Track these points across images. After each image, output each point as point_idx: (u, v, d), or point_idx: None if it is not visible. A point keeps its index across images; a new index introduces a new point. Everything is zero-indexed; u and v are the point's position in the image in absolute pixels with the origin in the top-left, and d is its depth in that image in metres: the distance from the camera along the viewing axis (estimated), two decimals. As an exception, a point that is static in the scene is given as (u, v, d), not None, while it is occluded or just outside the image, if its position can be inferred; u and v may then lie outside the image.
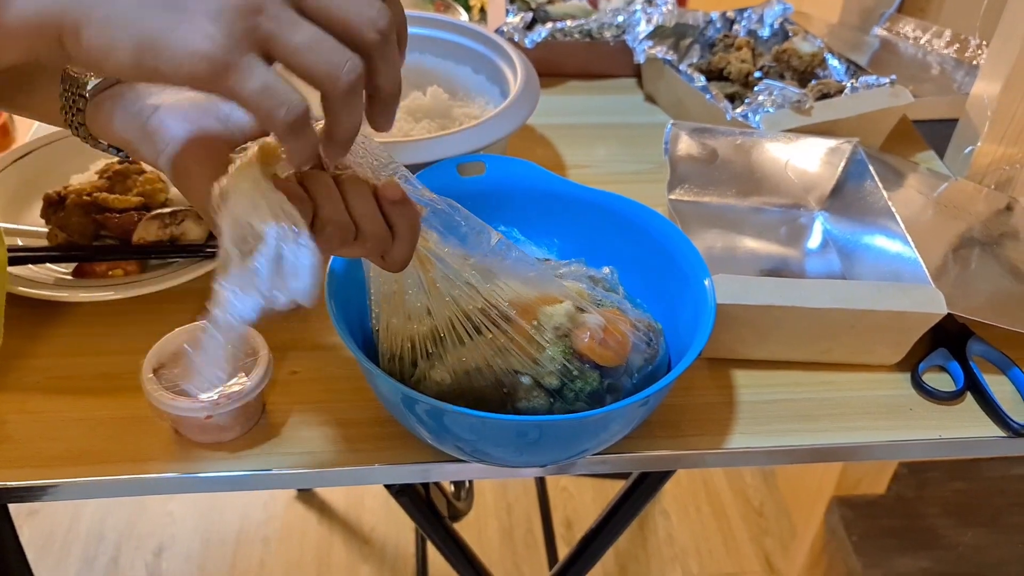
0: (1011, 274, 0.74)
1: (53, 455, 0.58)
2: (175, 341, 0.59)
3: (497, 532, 1.51)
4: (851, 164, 0.81)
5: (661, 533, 1.53)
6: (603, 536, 0.78)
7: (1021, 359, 0.68)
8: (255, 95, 0.36)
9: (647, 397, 0.52)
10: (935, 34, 1.03)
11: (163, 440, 0.59)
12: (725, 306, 0.61)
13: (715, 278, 0.60)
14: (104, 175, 0.74)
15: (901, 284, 0.66)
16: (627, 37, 1.00)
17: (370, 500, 1.53)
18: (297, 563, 1.44)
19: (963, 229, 0.79)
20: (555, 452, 0.57)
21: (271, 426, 0.61)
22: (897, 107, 0.88)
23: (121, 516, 1.48)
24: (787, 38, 1.00)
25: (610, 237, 0.66)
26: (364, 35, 0.38)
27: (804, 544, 1.32)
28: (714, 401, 0.65)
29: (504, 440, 0.53)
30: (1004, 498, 1.23)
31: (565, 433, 0.54)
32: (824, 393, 0.66)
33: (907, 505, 1.22)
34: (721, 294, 0.61)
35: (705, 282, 0.59)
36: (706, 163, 0.82)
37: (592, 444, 0.56)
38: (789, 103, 0.85)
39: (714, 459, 0.62)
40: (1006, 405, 0.65)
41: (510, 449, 0.54)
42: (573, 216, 0.67)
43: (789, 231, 0.81)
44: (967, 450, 0.65)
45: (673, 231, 0.63)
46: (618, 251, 0.65)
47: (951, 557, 1.16)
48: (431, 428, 0.54)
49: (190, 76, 0.36)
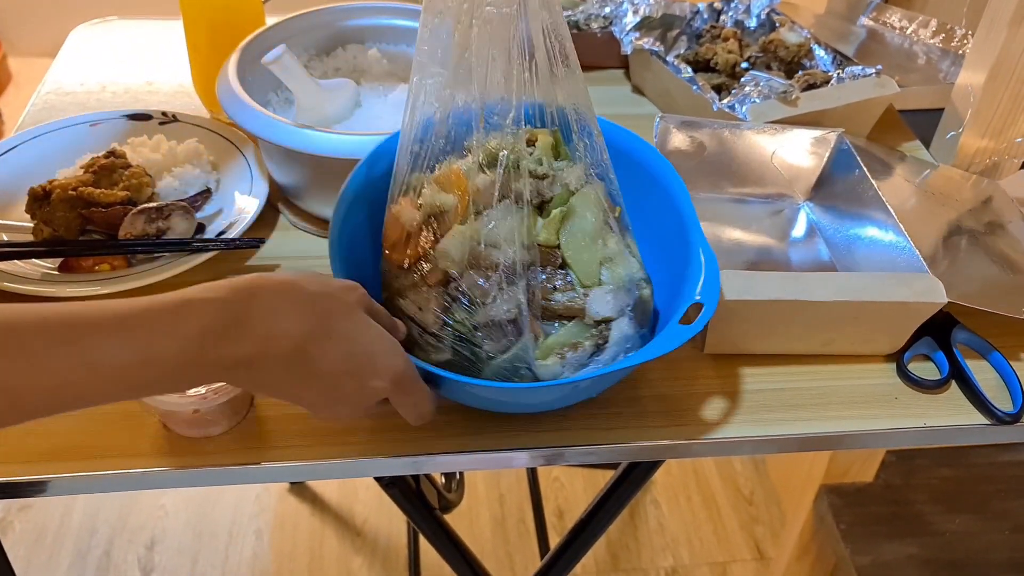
0: (998, 261, 0.74)
1: (42, 451, 0.58)
2: (163, 336, 0.59)
3: (489, 522, 1.51)
4: (836, 154, 0.81)
5: (652, 522, 1.54)
6: (594, 525, 0.78)
7: (1004, 347, 0.69)
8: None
9: (585, 380, 0.54)
10: (921, 24, 1.03)
11: (152, 435, 0.59)
12: (730, 302, 0.62)
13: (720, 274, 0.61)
14: (90, 169, 0.73)
15: (901, 274, 0.67)
16: (614, 28, 1.00)
17: (363, 492, 1.54)
18: (290, 555, 1.44)
19: (950, 217, 0.79)
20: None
21: (259, 420, 0.61)
22: (883, 97, 0.88)
23: (113, 510, 1.48)
24: (774, 28, 1.00)
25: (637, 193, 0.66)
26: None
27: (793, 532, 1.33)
28: (702, 391, 0.65)
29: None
30: (991, 485, 1.24)
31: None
32: (812, 383, 0.66)
33: (895, 492, 1.23)
34: (726, 290, 0.62)
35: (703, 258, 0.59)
36: (694, 156, 0.82)
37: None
38: (776, 94, 0.85)
39: (702, 449, 0.63)
40: (990, 393, 0.65)
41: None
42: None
43: (774, 222, 0.82)
44: (952, 438, 0.65)
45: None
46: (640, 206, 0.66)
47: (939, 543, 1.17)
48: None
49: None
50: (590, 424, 0.61)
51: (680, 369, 0.66)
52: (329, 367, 0.48)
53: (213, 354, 0.43)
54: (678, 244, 0.62)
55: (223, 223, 0.74)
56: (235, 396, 0.57)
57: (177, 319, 0.42)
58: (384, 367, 0.50)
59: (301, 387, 0.48)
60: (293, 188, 0.78)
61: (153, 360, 0.42)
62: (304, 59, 0.87)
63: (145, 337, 0.41)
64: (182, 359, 0.42)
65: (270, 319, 0.45)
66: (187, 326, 0.42)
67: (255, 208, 0.75)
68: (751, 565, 1.48)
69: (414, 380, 0.52)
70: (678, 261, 0.62)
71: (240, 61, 0.79)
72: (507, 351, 0.56)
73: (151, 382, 0.43)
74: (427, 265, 0.57)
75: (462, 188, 0.57)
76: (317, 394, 0.49)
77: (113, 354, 0.41)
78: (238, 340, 0.44)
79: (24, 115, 0.91)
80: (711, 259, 0.59)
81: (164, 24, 1.08)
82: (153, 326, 0.42)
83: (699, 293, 0.57)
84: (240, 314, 0.44)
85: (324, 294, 0.48)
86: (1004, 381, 0.67)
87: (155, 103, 0.93)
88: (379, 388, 0.50)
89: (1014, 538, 1.18)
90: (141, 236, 0.69)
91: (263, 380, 0.47)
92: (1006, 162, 0.88)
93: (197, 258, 0.69)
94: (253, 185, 0.78)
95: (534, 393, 0.58)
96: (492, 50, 0.55)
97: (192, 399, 0.56)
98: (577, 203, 0.59)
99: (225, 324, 0.43)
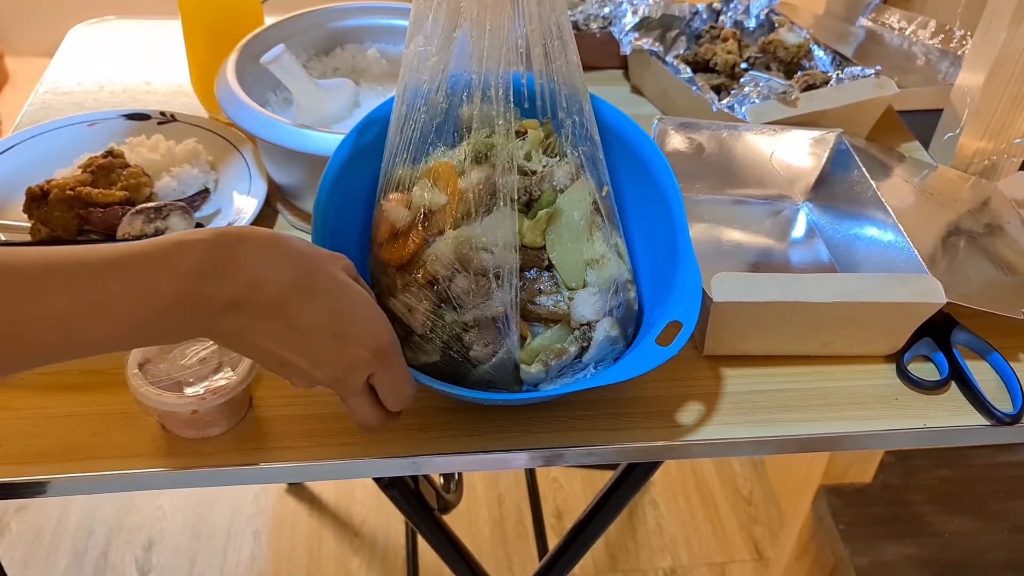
0: (997, 262, 0.74)
1: (40, 451, 0.57)
2: (161, 336, 0.59)
3: (488, 522, 1.51)
4: (835, 155, 0.81)
5: (651, 522, 1.53)
6: (592, 526, 0.78)
7: (1004, 347, 0.69)
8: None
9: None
10: (920, 24, 1.03)
11: (150, 436, 0.59)
12: (727, 304, 0.62)
13: (717, 276, 0.61)
14: (88, 169, 0.73)
15: (900, 275, 0.66)
16: (613, 28, 0.99)
17: (361, 492, 1.54)
18: (288, 556, 1.44)
19: (949, 218, 0.79)
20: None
21: (258, 420, 0.61)
22: (882, 98, 0.88)
23: (111, 510, 1.48)
24: (773, 29, 1.00)
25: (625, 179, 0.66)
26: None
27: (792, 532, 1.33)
28: (701, 393, 0.65)
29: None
30: (989, 485, 1.25)
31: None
32: (811, 384, 0.66)
33: (894, 493, 1.23)
34: (724, 292, 0.62)
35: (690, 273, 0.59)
36: (693, 158, 0.82)
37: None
38: (775, 94, 0.85)
39: (700, 450, 0.63)
40: (990, 394, 0.65)
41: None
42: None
43: (774, 223, 0.81)
44: (951, 439, 0.65)
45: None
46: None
47: (937, 544, 1.17)
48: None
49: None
50: (589, 425, 0.61)
51: (679, 370, 0.66)
52: (311, 321, 0.48)
53: (204, 293, 0.45)
54: (665, 242, 0.62)
55: (222, 223, 0.74)
56: (233, 397, 0.57)
57: (172, 257, 0.44)
58: (368, 334, 0.50)
59: (282, 344, 0.48)
60: (292, 188, 0.78)
61: (151, 298, 0.43)
62: (303, 59, 0.87)
63: (144, 274, 0.43)
64: (177, 296, 0.44)
65: (257, 264, 0.46)
66: (182, 263, 0.44)
67: (254, 208, 0.75)
68: (750, 566, 1.48)
69: (398, 356, 0.52)
70: (664, 259, 0.62)
71: (239, 61, 0.79)
72: (495, 355, 0.56)
73: (149, 322, 0.44)
74: (417, 266, 0.57)
75: (453, 186, 0.57)
76: (296, 353, 0.49)
77: (115, 291, 0.42)
78: (225, 280, 0.45)
79: (21, 115, 0.91)
80: (695, 272, 0.59)
81: (162, 24, 1.08)
82: (150, 263, 0.43)
83: (680, 314, 0.57)
84: (229, 256, 0.45)
85: (311, 253, 0.50)
86: (1004, 382, 0.67)
87: (153, 103, 0.93)
88: (360, 357, 0.50)
89: (1012, 539, 1.19)
90: (139, 236, 0.69)
91: (246, 332, 0.47)
92: (1004, 163, 0.88)
93: (195, 258, 0.69)
94: (252, 185, 0.78)
95: (517, 400, 0.58)
96: (488, 22, 0.55)
97: (191, 400, 0.55)
98: (564, 203, 0.59)
99: (214, 264, 0.45)
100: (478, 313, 0.56)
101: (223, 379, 0.57)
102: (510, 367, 0.56)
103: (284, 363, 0.49)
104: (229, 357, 0.58)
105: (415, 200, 0.58)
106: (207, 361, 0.58)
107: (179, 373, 0.57)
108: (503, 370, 0.56)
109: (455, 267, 0.56)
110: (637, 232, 0.65)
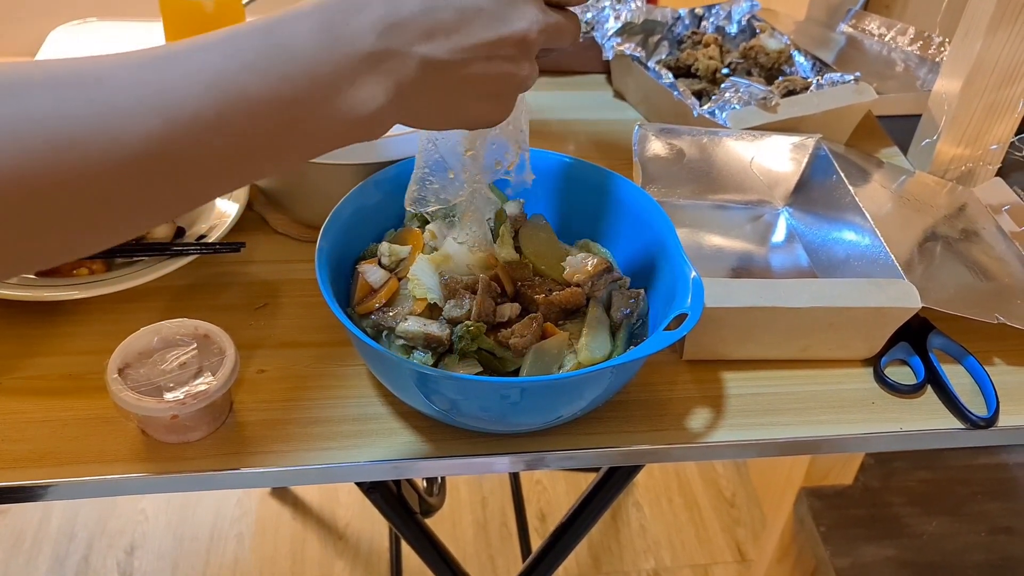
0: (973, 267, 0.75)
1: (18, 456, 0.57)
2: (141, 340, 0.59)
3: (472, 525, 1.51)
4: (815, 160, 0.82)
5: (634, 524, 1.54)
6: (575, 528, 0.78)
7: (980, 352, 0.70)
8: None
9: (616, 365, 0.55)
10: (899, 31, 1.04)
11: (130, 440, 0.59)
12: (708, 309, 0.62)
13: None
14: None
15: (876, 280, 0.67)
16: (596, 34, 1.00)
17: (345, 495, 1.53)
18: (271, 559, 1.43)
19: (926, 223, 0.80)
20: (533, 415, 0.59)
21: (239, 425, 0.60)
22: (862, 104, 0.89)
23: (92, 515, 1.47)
24: (754, 35, 1.01)
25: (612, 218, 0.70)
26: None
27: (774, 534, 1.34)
28: (682, 397, 0.65)
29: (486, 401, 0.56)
30: (967, 487, 1.26)
31: (542, 393, 0.56)
32: (790, 388, 0.67)
33: (874, 495, 1.24)
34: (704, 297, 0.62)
35: (691, 275, 0.60)
36: (674, 163, 0.83)
37: (567, 409, 0.58)
38: (755, 100, 0.86)
39: (683, 453, 0.63)
40: (964, 398, 0.66)
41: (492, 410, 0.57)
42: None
43: (754, 227, 0.82)
44: (928, 442, 0.66)
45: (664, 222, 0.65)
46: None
47: (916, 545, 1.19)
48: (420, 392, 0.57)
49: None
50: (571, 429, 0.62)
51: (660, 375, 0.66)
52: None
53: (346, 29, 0.41)
54: (665, 271, 0.64)
55: (203, 227, 0.74)
56: (214, 401, 0.57)
57: (298, 13, 0.41)
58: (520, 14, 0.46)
59: (439, 31, 0.43)
60: (274, 192, 0.78)
61: (292, 55, 0.40)
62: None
63: (278, 31, 0.41)
64: (318, 42, 0.41)
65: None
66: (308, 17, 0.41)
67: (235, 212, 0.75)
68: (732, 567, 1.49)
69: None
70: (665, 285, 0.63)
71: (221, 64, 0.79)
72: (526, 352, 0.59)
73: (304, 90, 0.40)
74: (401, 302, 0.62)
75: (417, 241, 0.65)
76: (452, 31, 0.43)
77: (262, 54, 0.41)
78: (364, 7, 0.42)
79: (2, 117, 0.90)
80: (697, 284, 0.60)
81: (144, 25, 1.07)
82: (283, 19, 0.41)
83: (687, 307, 0.58)
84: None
85: None
86: (978, 386, 0.68)
87: (135, 106, 0.93)
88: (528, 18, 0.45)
89: (990, 539, 1.20)
90: (120, 240, 0.69)
91: (407, 41, 0.42)
92: (981, 169, 0.89)
93: (176, 262, 0.69)
94: (233, 189, 0.77)
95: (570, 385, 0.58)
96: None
97: (171, 404, 0.55)
98: (510, 207, 0.66)
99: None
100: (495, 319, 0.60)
101: (203, 384, 0.57)
102: (557, 364, 0.60)
103: (491, 58, 0.45)
104: (209, 362, 0.58)
105: (382, 259, 0.64)
106: (187, 366, 0.58)
107: (159, 378, 0.57)
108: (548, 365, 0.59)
109: (440, 292, 0.60)
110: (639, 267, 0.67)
